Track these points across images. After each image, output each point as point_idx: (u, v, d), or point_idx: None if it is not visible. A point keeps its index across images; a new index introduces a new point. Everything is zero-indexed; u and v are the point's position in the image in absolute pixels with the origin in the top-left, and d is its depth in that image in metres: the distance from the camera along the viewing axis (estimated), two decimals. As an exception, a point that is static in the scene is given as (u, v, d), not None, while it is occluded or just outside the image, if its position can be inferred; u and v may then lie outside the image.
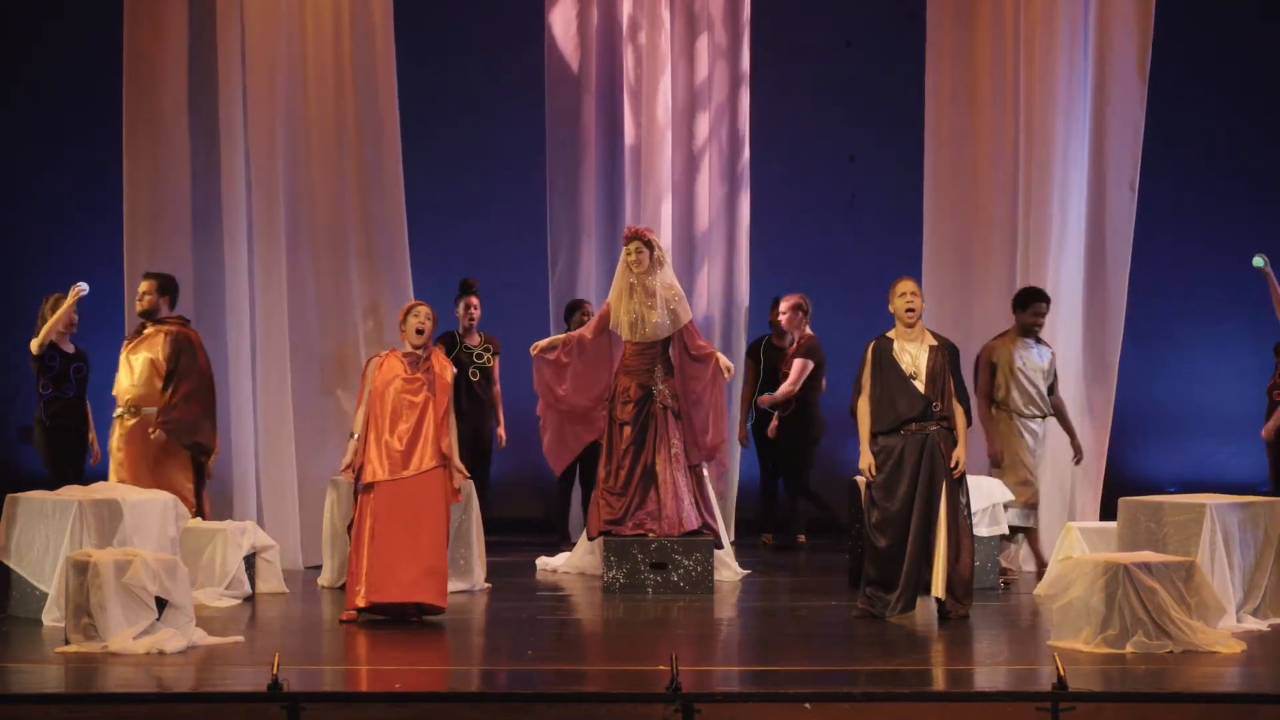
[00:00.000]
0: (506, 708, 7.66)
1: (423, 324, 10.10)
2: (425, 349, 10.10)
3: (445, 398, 10.00)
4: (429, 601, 9.82)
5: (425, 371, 10.02)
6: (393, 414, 9.92)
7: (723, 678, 8.52)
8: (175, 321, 11.14)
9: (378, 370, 10.04)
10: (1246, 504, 10.12)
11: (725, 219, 13.58)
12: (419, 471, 9.88)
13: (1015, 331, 11.38)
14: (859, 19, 14.54)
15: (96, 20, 13.01)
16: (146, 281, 11.17)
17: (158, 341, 11.03)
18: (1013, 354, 11.27)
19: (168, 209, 11.90)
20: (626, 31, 13.38)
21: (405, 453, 9.88)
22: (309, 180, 12.14)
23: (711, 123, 13.51)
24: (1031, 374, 11.27)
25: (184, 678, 8.32)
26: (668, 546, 11.00)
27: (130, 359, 11.08)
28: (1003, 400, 11.25)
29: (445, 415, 9.99)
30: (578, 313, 12.84)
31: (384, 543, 9.79)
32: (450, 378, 10.08)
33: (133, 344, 11.13)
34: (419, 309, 10.17)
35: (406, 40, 12.68)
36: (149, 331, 11.10)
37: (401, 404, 9.94)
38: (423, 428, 9.92)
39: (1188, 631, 8.92)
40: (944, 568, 9.82)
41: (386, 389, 9.96)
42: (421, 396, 9.96)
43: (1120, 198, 12.10)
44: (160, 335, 11.04)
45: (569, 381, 11.48)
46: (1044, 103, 12.04)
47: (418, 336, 10.08)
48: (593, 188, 13.41)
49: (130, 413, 11.00)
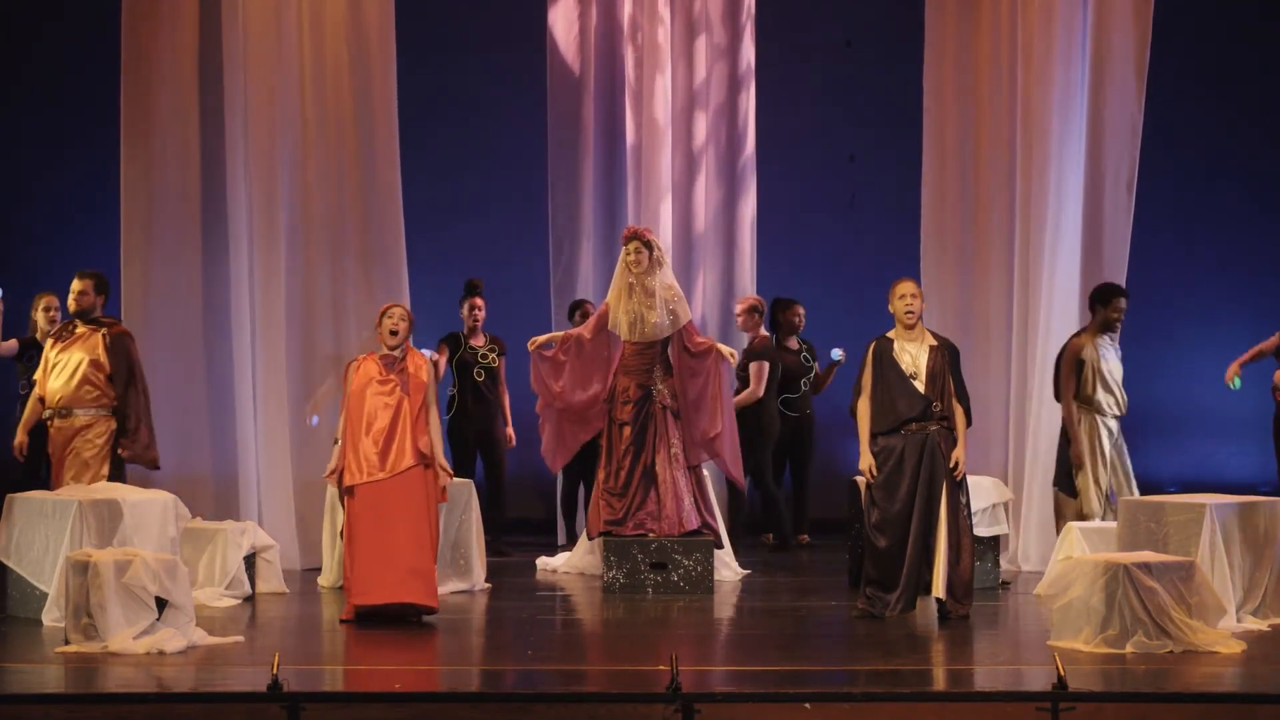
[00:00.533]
0: (506, 708, 7.66)
1: (396, 325, 10.06)
2: (401, 349, 10.07)
3: (420, 396, 9.95)
4: (415, 601, 9.79)
5: (399, 373, 9.99)
6: (369, 416, 9.90)
7: (723, 678, 8.52)
8: (110, 321, 10.82)
9: (355, 374, 10.03)
10: (1247, 504, 10.11)
11: (724, 219, 13.59)
12: (395, 473, 9.85)
13: (1095, 328, 11.33)
14: (859, 19, 14.55)
15: (96, 20, 13.01)
16: (83, 280, 10.74)
17: (95, 342, 10.65)
18: (1097, 351, 11.26)
19: (166, 210, 11.88)
20: (627, 31, 13.39)
21: (381, 454, 9.86)
22: (308, 182, 12.13)
23: (711, 123, 13.52)
24: (1114, 371, 11.27)
25: (184, 678, 8.32)
26: (668, 546, 11.00)
27: (60, 358, 10.68)
28: (1088, 398, 11.25)
29: (421, 414, 9.94)
30: (577, 312, 12.84)
31: (365, 546, 9.78)
32: (426, 376, 10.03)
33: (64, 344, 10.71)
34: (393, 310, 10.14)
35: (407, 41, 12.68)
36: (82, 331, 10.69)
37: (377, 406, 9.91)
38: (397, 429, 9.89)
39: (1188, 631, 8.91)
40: (944, 568, 9.82)
41: (363, 392, 9.94)
42: (395, 397, 9.93)
43: (1118, 197, 12.10)
44: (98, 336, 10.66)
45: (565, 378, 11.47)
46: (1042, 102, 12.04)
47: (391, 338, 10.05)
48: (593, 188, 13.43)
49: (61, 415, 10.63)
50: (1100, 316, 11.31)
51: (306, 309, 12.11)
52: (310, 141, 12.09)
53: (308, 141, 12.09)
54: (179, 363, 11.83)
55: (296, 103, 12.07)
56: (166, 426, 11.57)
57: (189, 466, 11.74)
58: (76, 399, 10.63)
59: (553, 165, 13.45)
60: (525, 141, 13.85)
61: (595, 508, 11.40)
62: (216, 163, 11.88)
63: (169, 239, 11.87)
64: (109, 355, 10.64)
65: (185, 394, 11.82)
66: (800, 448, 13.34)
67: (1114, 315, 11.31)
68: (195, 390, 11.85)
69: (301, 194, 12.09)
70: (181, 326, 11.86)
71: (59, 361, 10.70)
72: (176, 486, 11.02)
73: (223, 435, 11.67)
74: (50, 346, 10.80)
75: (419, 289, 12.39)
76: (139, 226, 11.86)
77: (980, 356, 12.13)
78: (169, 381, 11.73)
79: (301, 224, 12.10)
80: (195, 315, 11.80)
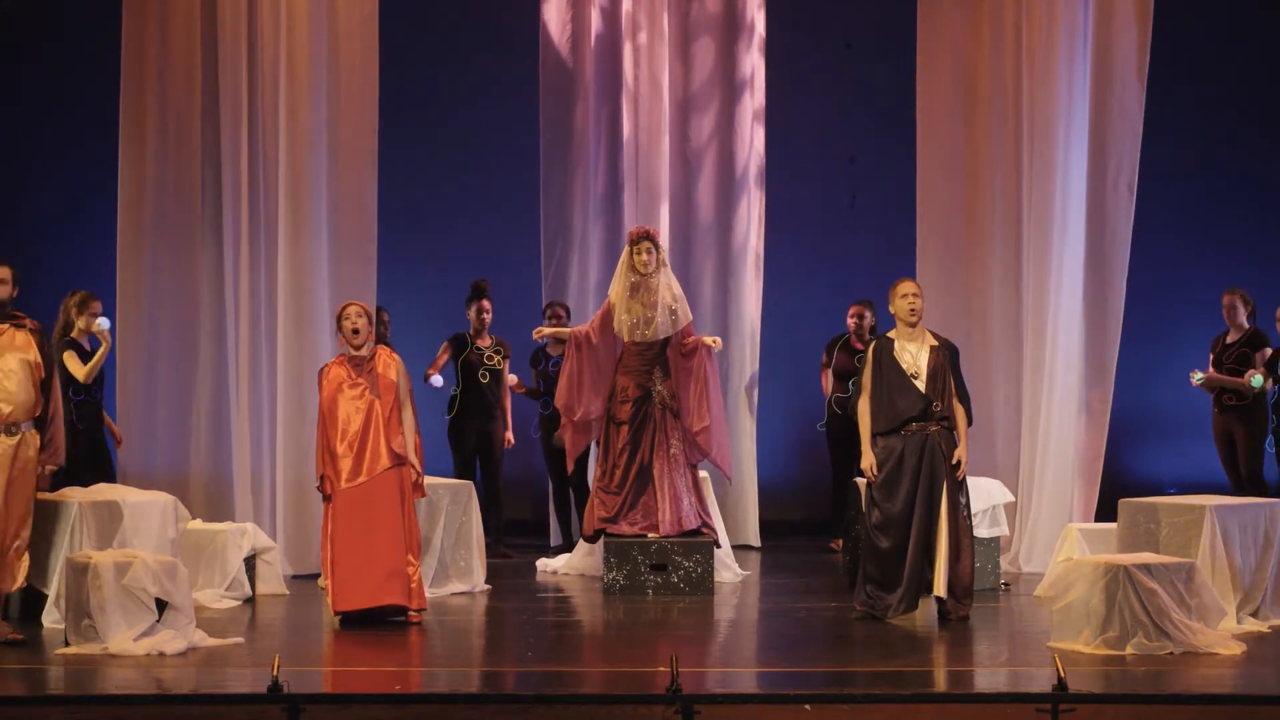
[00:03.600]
0: (506, 709, 7.66)
1: (355, 323, 9.93)
2: (366, 348, 9.98)
3: (391, 396, 9.87)
4: (397, 603, 9.78)
5: (368, 374, 9.90)
6: (343, 421, 9.84)
7: (723, 679, 8.52)
8: (21, 316, 9.46)
9: (326, 380, 9.95)
10: (1246, 505, 10.12)
11: (723, 220, 13.58)
12: (372, 475, 9.83)
13: None
14: (859, 21, 14.54)
15: (96, 23, 13.00)
16: (7, 269, 9.40)
17: (22, 340, 9.34)
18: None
19: (163, 214, 11.84)
20: (625, 32, 13.38)
21: (356, 458, 9.81)
22: (302, 184, 12.07)
23: (710, 124, 13.51)
24: None
25: (184, 679, 8.32)
26: (668, 548, 11.00)
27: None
28: None
29: (394, 414, 9.87)
30: (547, 311, 12.84)
31: (345, 551, 9.76)
32: (395, 375, 9.92)
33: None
34: (349, 309, 10.01)
35: (405, 41, 12.67)
36: (4, 328, 9.35)
37: (349, 410, 9.84)
38: (370, 431, 9.83)
39: (1188, 633, 8.91)
40: (945, 568, 9.82)
41: (335, 397, 9.88)
42: (365, 400, 9.85)
43: (1119, 198, 12.09)
44: (24, 334, 9.35)
45: (587, 393, 11.37)
46: (1043, 103, 12.02)
47: (354, 337, 9.93)
48: (589, 190, 13.41)
49: (9, 431, 9.28)
50: None
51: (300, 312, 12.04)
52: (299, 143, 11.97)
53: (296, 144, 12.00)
54: (176, 364, 11.79)
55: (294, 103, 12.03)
56: (165, 428, 11.58)
57: (186, 468, 11.70)
58: (25, 407, 9.32)
59: (547, 167, 13.44)
60: (521, 142, 13.84)
61: (590, 506, 11.40)
62: (212, 165, 11.84)
63: (164, 244, 11.83)
64: (42, 357, 9.39)
65: (183, 396, 11.78)
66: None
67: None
68: (196, 392, 11.81)
69: (297, 197, 12.03)
70: (178, 328, 11.83)
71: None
72: (174, 488, 11.00)
73: (225, 436, 11.64)
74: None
75: (421, 290, 12.38)
76: (134, 229, 11.82)
77: (981, 357, 12.12)
78: (167, 383, 11.71)
79: (298, 227, 12.03)
80: (192, 317, 11.76)
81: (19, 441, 9.29)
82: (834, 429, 13.04)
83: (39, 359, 9.33)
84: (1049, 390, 11.91)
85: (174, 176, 11.84)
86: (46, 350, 9.40)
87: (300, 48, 11.87)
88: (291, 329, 11.92)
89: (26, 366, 9.30)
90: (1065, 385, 11.90)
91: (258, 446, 11.79)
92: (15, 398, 9.25)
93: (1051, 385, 11.91)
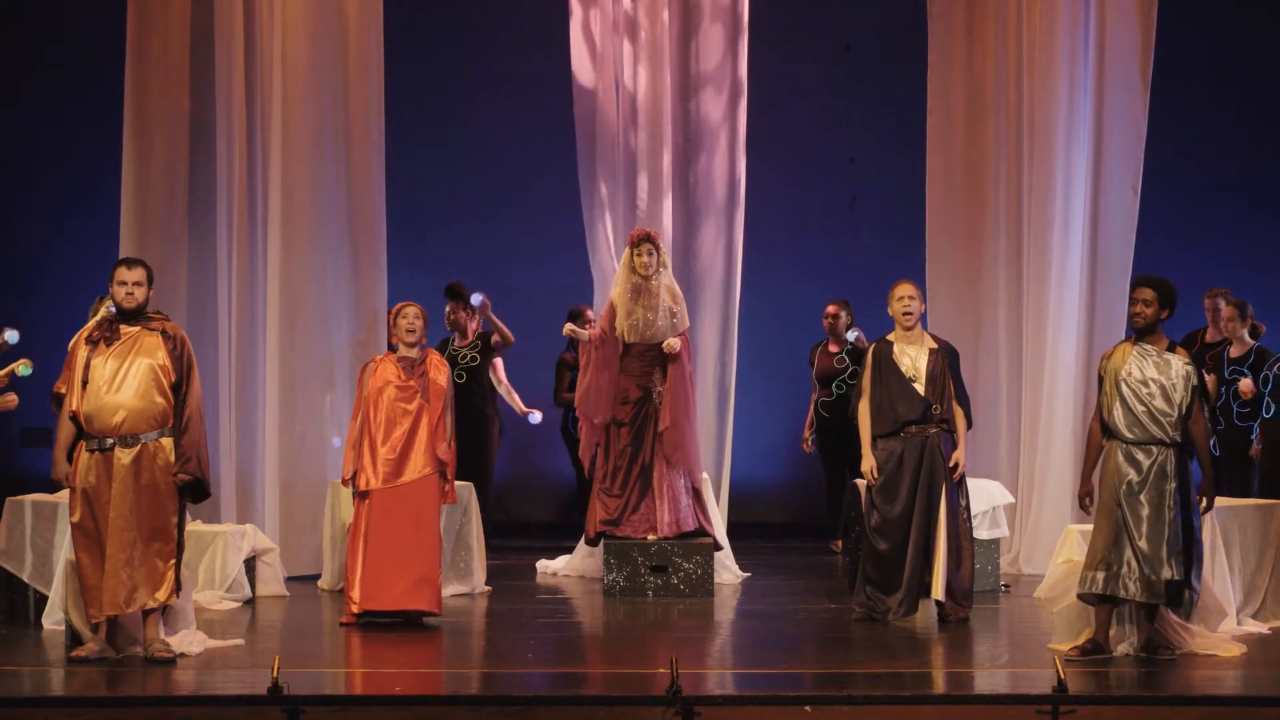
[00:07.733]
0: (506, 711, 7.66)
1: (412, 324, 9.96)
2: (419, 350, 10.03)
3: (440, 403, 9.89)
4: (422, 609, 9.81)
5: (419, 377, 9.93)
6: (387, 422, 9.85)
7: (723, 681, 8.53)
8: (160, 317, 9.02)
9: (372, 376, 9.97)
10: (1247, 507, 10.11)
11: (723, 221, 13.56)
12: (413, 479, 9.85)
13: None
14: (859, 22, 14.55)
15: (96, 23, 13.01)
16: (140, 269, 8.99)
17: (150, 344, 8.81)
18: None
19: (163, 213, 11.85)
20: (625, 32, 13.37)
21: (399, 461, 9.84)
22: (300, 183, 12.07)
23: (710, 124, 13.49)
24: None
25: (184, 681, 8.31)
26: (668, 549, 11.00)
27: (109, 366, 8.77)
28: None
29: (440, 421, 9.90)
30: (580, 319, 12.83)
31: (378, 551, 9.76)
32: (445, 381, 9.96)
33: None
34: (406, 309, 10.02)
35: (405, 42, 12.67)
36: (133, 331, 8.85)
37: (395, 412, 9.87)
38: (416, 435, 9.86)
39: (1187, 635, 8.91)
40: (944, 571, 9.81)
41: (380, 396, 9.89)
42: (415, 404, 9.88)
43: (1122, 200, 12.09)
44: (154, 338, 8.82)
45: (606, 397, 11.33)
46: (1046, 105, 12.03)
47: (409, 336, 9.97)
48: (588, 190, 13.40)
49: (125, 443, 8.71)
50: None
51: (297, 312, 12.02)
52: (304, 143, 11.97)
53: (300, 143, 12.00)
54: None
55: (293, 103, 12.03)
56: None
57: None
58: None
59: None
60: (526, 143, 13.85)
61: (592, 508, 11.39)
62: (213, 167, 11.82)
63: (165, 242, 11.82)
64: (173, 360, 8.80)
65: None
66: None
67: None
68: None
69: (296, 197, 12.02)
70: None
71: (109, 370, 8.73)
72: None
73: (223, 438, 11.63)
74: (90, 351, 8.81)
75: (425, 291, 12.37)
76: (136, 229, 11.82)
77: (984, 359, 12.12)
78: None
79: (295, 227, 12.03)
80: (189, 316, 11.76)
81: (139, 452, 8.64)
82: (823, 432, 13.00)
83: (168, 363, 8.70)
84: (1049, 391, 11.90)
85: (175, 177, 11.84)
86: (179, 354, 8.74)
87: (301, 48, 11.88)
88: (285, 331, 11.90)
89: (151, 372, 8.67)
90: (1066, 386, 11.89)
91: (250, 448, 11.78)
92: (131, 405, 8.62)
93: (1052, 386, 11.91)
